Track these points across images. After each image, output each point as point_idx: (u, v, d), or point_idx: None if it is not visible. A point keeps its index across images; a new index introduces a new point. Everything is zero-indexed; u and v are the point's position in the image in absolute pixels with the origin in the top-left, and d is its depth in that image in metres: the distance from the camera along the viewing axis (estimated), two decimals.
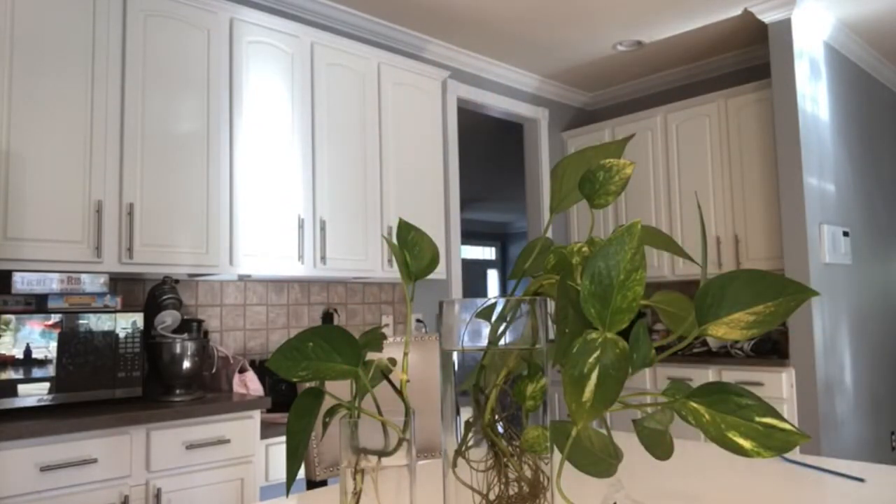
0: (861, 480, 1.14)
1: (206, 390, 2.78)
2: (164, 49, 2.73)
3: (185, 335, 2.63)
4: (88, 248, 2.48)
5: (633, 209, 4.66)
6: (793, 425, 0.58)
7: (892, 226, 4.93)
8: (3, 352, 2.18)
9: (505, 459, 0.66)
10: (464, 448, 0.67)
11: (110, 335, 2.40)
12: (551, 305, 0.69)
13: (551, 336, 0.69)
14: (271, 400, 2.71)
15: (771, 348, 3.97)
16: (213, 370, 2.84)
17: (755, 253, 4.08)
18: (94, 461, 2.15)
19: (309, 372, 0.71)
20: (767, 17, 3.89)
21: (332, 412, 0.74)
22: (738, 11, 3.95)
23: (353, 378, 0.73)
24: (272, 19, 3.10)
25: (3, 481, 1.99)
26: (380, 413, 0.73)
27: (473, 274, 12.42)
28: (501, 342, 0.68)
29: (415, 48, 4.15)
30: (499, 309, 0.68)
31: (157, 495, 2.27)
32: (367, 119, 3.43)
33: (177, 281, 2.85)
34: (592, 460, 0.71)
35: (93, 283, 2.47)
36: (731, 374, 3.85)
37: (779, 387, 3.69)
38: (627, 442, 1.28)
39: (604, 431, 0.73)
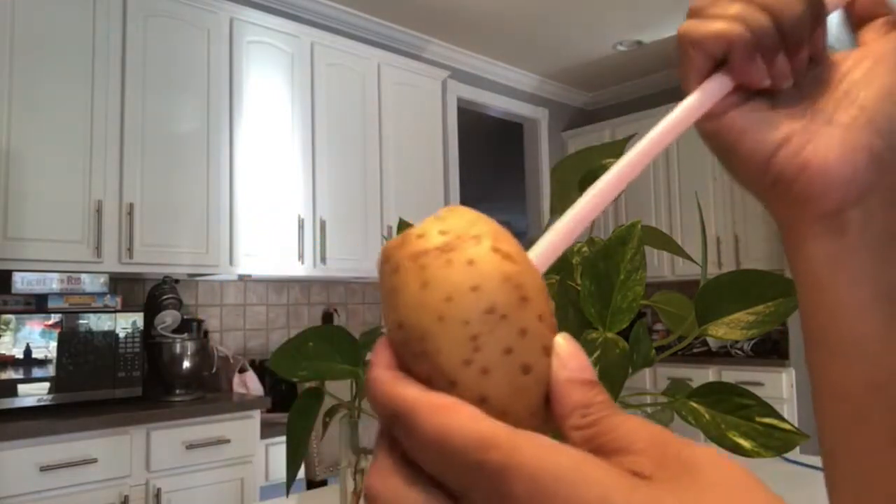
0: None
1: (206, 390, 2.78)
2: (164, 49, 2.73)
3: (185, 335, 2.63)
4: (88, 248, 2.47)
5: (633, 209, 4.66)
6: (793, 425, 0.58)
7: None
8: (3, 352, 2.18)
9: None
10: None
11: (110, 335, 2.40)
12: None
13: None
14: (271, 400, 2.71)
15: (771, 348, 3.97)
16: (213, 370, 2.84)
17: (755, 253, 4.08)
18: (94, 461, 2.15)
19: (309, 372, 0.71)
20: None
21: (332, 412, 0.74)
22: None
23: (353, 378, 0.73)
24: (272, 19, 3.10)
25: (3, 481, 1.99)
26: None
27: None
28: None
29: (415, 48, 4.14)
30: None
31: (157, 495, 2.27)
32: (367, 119, 3.43)
33: (177, 281, 2.84)
34: None
35: (93, 283, 2.47)
36: (731, 374, 3.84)
37: (779, 387, 3.69)
38: None
39: None
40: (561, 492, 0.19)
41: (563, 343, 0.24)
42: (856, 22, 0.37)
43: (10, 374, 2.18)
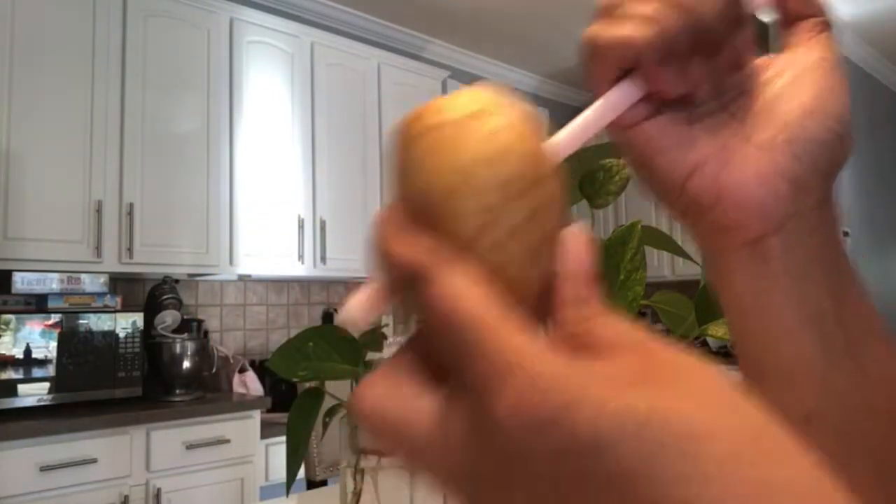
0: None
1: (206, 390, 2.78)
2: (164, 49, 2.73)
3: (185, 335, 2.63)
4: (88, 248, 2.47)
5: (633, 209, 4.65)
6: None
7: (892, 226, 4.93)
8: (3, 352, 2.18)
9: None
10: None
11: (110, 335, 2.40)
12: None
13: None
14: (271, 400, 2.71)
15: None
16: (213, 370, 2.84)
17: None
18: (94, 461, 2.15)
19: (309, 372, 0.71)
20: (767, 17, 3.89)
21: (332, 412, 0.74)
22: None
23: (353, 378, 0.73)
24: (272, 19, 3.10)
25: (3, 481, 1.99)
26: None
27: None
28: None
29: (415, 48, 4.14)
30: None
31: (157, 495, 2.27)
32: (367, 119, 3.43)
33: (177, 281, 2.84)
34: None
35: (93, 283, 2.47)
36: (731, 375, 3.84)
37: None
38: None
39: None
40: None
41: (573, 234, 0.23)
42: (787, 20, 0.34)
43: (10, 374, 2.18)
